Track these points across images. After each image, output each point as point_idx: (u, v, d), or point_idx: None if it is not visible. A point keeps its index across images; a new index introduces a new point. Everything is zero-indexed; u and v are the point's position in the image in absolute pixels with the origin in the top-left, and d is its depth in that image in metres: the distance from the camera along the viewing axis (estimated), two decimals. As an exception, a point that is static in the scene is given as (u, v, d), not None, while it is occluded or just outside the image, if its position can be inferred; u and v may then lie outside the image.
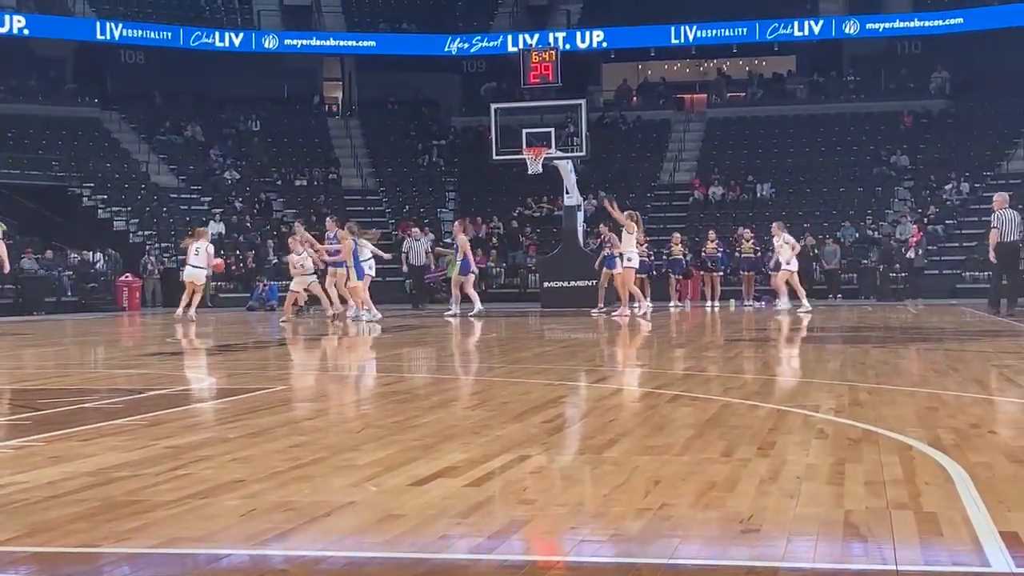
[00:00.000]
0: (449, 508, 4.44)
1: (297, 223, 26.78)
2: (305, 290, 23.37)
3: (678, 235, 29.16)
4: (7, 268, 20.78)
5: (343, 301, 22.59)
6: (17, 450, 6.10)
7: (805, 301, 24.41)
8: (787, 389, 8.86)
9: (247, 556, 3.83)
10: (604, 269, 23.98)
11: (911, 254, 30.95)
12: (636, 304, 22.80)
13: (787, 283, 24.92)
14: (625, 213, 22.61)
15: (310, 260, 22.88)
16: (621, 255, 22.36)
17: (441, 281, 30.14)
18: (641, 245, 24.21)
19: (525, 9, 44.12)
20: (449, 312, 23.41)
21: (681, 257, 28.35)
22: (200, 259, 23.27)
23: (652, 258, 27.91)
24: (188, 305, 23.02)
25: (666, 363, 12.10)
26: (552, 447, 6.10)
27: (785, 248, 24.79)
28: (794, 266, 24.89)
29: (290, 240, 24.05)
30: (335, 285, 22.55)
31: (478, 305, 23.41)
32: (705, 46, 41.59)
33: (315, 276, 23.06)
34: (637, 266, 22.52)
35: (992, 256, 20.96)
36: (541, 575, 3.57)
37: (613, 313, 21.76)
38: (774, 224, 25.86)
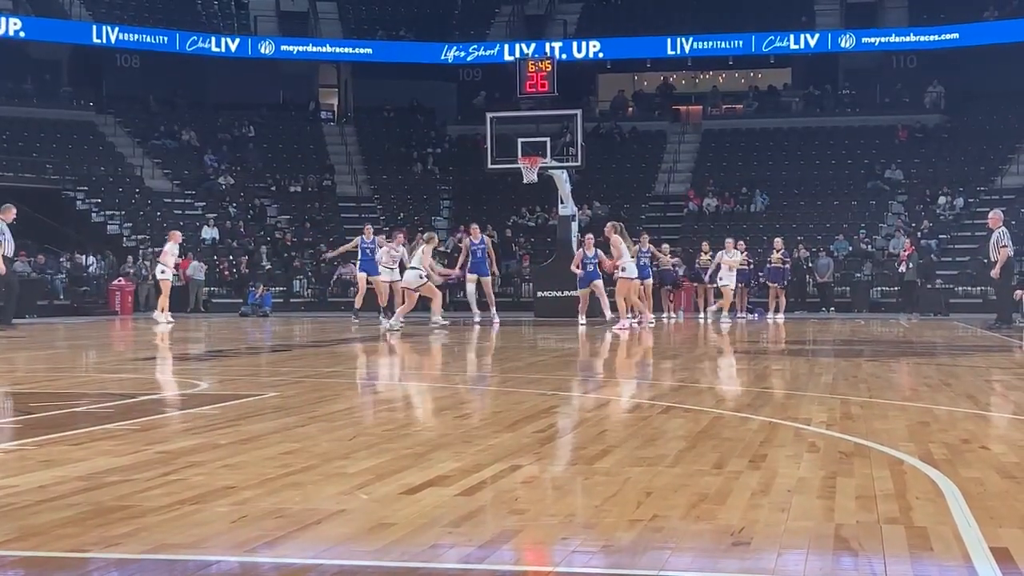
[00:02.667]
0: (440, 517, 4.43)
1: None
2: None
3: (667, 246, 29.13)
4: (2, 271, 20.65)
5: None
6: (8, 454, 6.09)
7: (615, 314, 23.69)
8: (779, 402, 8.86)
9: (237, 563, 3.82)
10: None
11: (902, 268, 30.97)
12: (635, 315, 22.57)
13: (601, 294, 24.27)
14: (608, 225, 22.70)
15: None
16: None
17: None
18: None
19: (522, 19, 44.16)
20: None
21: (670, 268, 28.29)
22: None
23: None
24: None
25: (659, 374, 12.10)
26: (544, 457, 6.09)
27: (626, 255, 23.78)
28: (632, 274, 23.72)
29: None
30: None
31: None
32: (701, 58, 41.68)
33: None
34: (634, 275, 22.23)
35: (998, 272, 21.02)
36: (531, 586, 3.57)
37: (615, 327, 21.46)
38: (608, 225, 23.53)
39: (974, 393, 9.46)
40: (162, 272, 24.92)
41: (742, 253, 28.30)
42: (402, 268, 23.49)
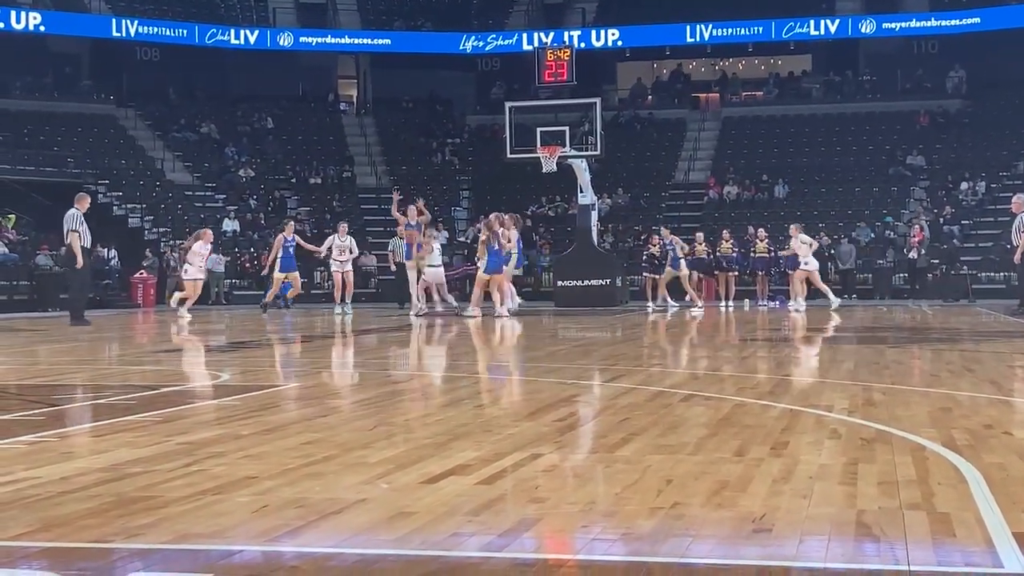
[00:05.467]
0: (460, 506, 4.43)
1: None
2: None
3: (701, 235, 29.13)
4: (80, 263, 20.25)
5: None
6: (31, 445, 6.12)
7: (832, 297, 25.12)
8: (800, 389, 8.84)
9: (259, 552, 3.83)
10: (668, 269, 25.36)
11: (913, 254, 30.85)
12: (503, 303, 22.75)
13: (806, 281, 25.28)
14: (508, 216, 23.44)
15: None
16: (684, 257, 25.14)
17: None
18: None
19: (540, 7, 44.12)
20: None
21: (705, 256, 28.30)
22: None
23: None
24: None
25: (680, 362, 12.08)
26: (564, 445, 6.09)
27: (803, 247, 24.99)
28: (813, 265, 25.17)
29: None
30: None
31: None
32: (721, 45, 41.56)
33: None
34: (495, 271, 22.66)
35: (1019, 257, 20.90)
36: (552, 573, 3.57)
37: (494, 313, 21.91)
38: (792, 226, 26.29)
39: (997, 379, 9.41)
40: (185, 272, 24.42)
41: (762, 241, 28.31)
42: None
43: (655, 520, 4.18)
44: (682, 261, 25.52)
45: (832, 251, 32.10)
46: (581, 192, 27.81)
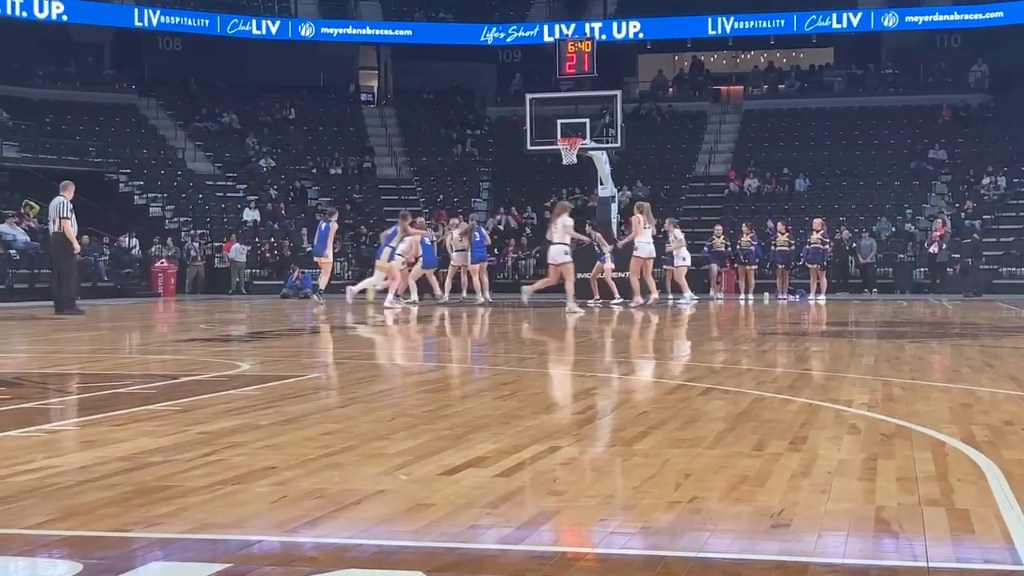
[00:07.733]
0: (479, 498, 4.44)
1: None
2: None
3: (720, 227, 29.08)
4: (78, 248, 20.09)
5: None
6: (51, 434, 6.15)
7: (687, 295, 24.76)
8: (820, 383, 8.81)
9: (278, 542, 3.84)
10: (596, 263, 24.32)
11: (934, 248, 30.71)
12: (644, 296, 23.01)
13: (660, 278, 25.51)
14: (635, 204, 23.67)
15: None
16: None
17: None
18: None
19: (562, -1, 44.10)
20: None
21: (723, 249, 28.32)
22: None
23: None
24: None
25: (698, 356, 12.06)
26: (583, 438, 6.09)
27: (675, 243, 25.21)
28: (682, 261, 25.25)
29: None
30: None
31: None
32: (742, 38, 41.45)
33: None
34: (645, 255, 22.78)
35: None
36: (570, 566, 3.57)
37: (631, 304, 22.10)
38: (667, 220, 26.40)
39: (1017, 374, 9.36)
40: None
41: (782, 235, 28.24)
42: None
43: (673, 514, 4.17)
44: (607, 256, 24.46)
45: (853, 245, 31.98)
46: (601, 184, 27.77)
